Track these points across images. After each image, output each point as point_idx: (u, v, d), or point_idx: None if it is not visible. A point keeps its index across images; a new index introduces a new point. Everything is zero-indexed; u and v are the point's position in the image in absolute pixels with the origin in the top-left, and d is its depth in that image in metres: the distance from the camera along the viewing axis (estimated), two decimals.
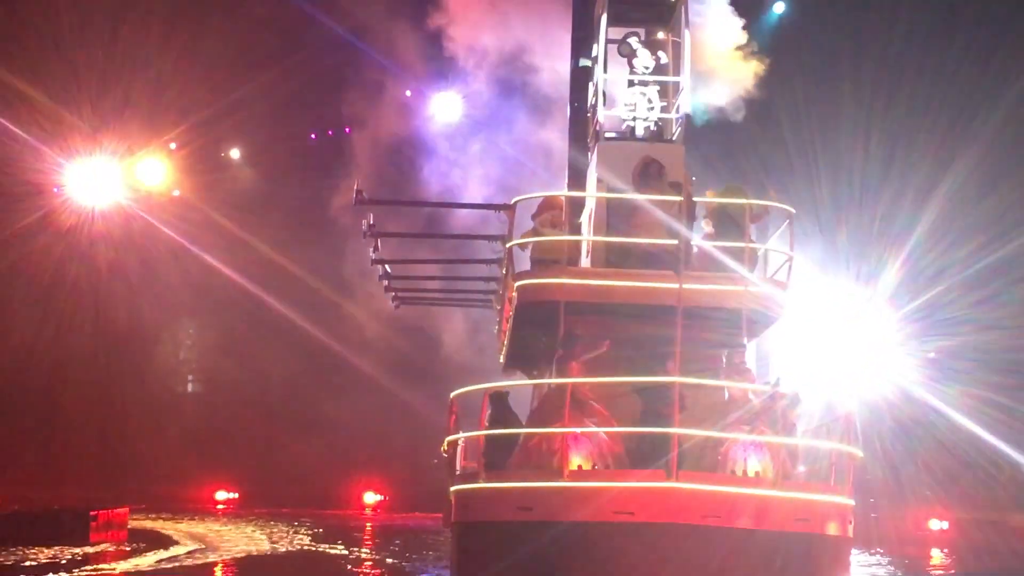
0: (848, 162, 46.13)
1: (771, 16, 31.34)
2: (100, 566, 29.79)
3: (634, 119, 23.08)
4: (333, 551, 35.69)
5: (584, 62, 24.56)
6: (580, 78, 24.74)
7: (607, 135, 23.20)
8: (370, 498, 64.29)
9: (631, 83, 23.17)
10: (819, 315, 42.17)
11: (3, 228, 53.41)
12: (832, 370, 41.76)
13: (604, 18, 23.02)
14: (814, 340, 42.02)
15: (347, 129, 53.32)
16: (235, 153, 57.05)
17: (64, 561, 30.70)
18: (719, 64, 25.42)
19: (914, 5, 45.45)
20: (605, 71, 23.08)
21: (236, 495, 64.81)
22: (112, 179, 53.62)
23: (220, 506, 63.22)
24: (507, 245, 22.07)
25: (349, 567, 30.68)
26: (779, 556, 17.79)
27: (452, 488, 19.73)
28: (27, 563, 30.34)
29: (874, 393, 44.28)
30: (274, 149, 55.71)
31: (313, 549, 36.30)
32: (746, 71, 25.62)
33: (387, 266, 28.77)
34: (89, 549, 34.03)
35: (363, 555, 34.69)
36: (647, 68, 23.24)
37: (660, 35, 23.68)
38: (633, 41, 23.31)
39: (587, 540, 17.37)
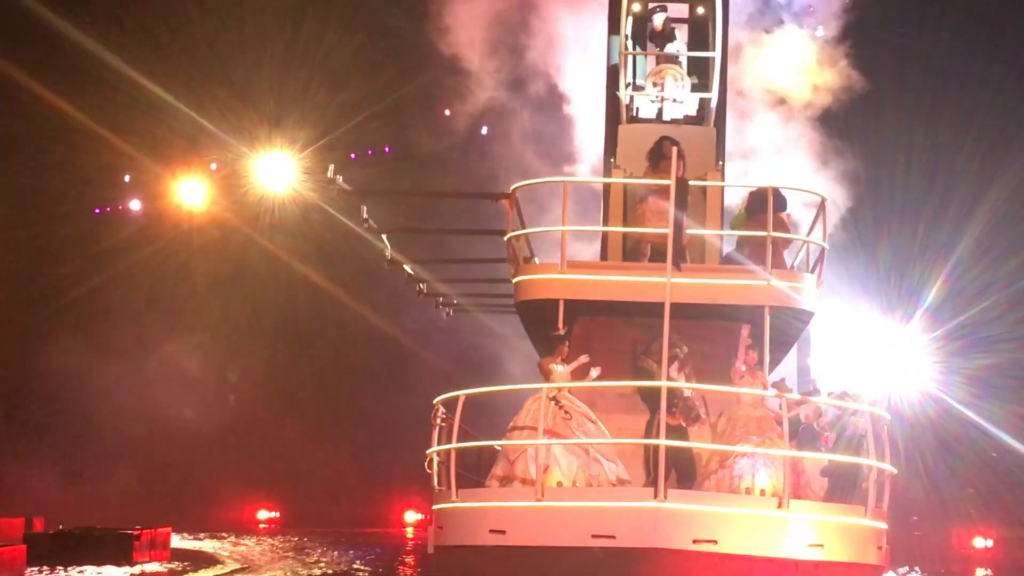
0: (889, 176, 45.86)
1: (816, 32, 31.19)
2: None
3: (662, 100, 21.48)
4: (374, 571, 35.66)
5: (615, 42, 22.77)
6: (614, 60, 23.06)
7: (641, 119, 21.70)
8: (411, 517, 64.27)
9: (658, 60, 21.79)
10: (860, 331, 41.99)
11: None
12: (871, 386, 41.58)
13: None
14: (854, 356, 41.85)
15: (387, 149, 53.62)
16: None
17: None
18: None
19: (958, 17, 45.17)
20: (635, 47, 21.82)
21: (278, 514, 64.91)
22: None
23: (262, 525, 63.30)
24: (506, 237, 20.19)
25: None
26: None
27: (433, 507, 18.16)
28: None
29: (916, 410, 44.01)
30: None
31: (357, 569, 36.27)
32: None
33: (408, 268, 26.38)
34: (133, 569, 34.10)
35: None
36: (676, 45, 21.99)
37: (700, 10, 22.54)
38: (661, 17, 22.02)
39: (562, 568, 15.35)
